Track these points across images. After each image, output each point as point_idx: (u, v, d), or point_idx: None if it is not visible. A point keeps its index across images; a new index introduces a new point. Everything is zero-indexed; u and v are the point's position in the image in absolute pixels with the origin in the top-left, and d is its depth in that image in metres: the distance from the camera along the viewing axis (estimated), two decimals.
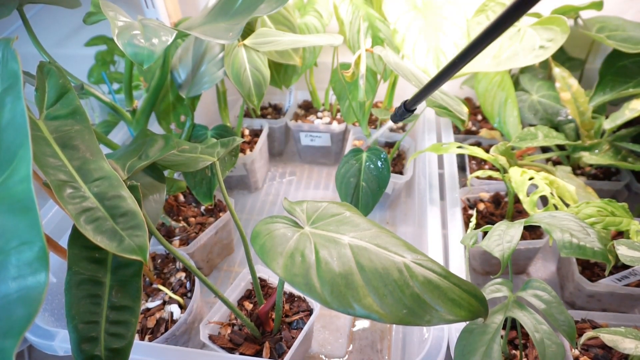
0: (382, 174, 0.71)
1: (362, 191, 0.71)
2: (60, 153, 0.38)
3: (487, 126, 1.02)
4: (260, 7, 0.57)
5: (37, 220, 0.26)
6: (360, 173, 0.72)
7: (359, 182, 0.71)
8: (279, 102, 1.17)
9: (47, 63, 0.44)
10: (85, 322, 0.37)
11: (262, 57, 0.73)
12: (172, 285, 0.68)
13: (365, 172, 0.72)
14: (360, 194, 0.72)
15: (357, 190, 0.72)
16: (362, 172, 0.72)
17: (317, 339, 0.71)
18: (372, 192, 0.71)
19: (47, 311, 0.61)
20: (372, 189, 0.71)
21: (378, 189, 0.71)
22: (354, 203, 0.72)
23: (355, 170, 0.72)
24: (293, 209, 0.45)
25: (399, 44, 0.79)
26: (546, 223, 0.48)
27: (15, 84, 0.31)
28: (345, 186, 0.73)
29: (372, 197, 0.71)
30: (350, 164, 0.73)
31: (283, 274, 0.34)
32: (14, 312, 0.24)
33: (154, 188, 0.52)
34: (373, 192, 0.71)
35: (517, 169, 0.64)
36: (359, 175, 0.72)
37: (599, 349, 0.56)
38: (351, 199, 0.73)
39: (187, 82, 0.75)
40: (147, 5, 0.87)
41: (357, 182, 0.71)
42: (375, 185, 0.71)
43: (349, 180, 0.72)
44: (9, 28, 0.99)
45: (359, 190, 0.72)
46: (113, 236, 0.35)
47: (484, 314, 0.36)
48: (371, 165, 0.72)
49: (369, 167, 0.72)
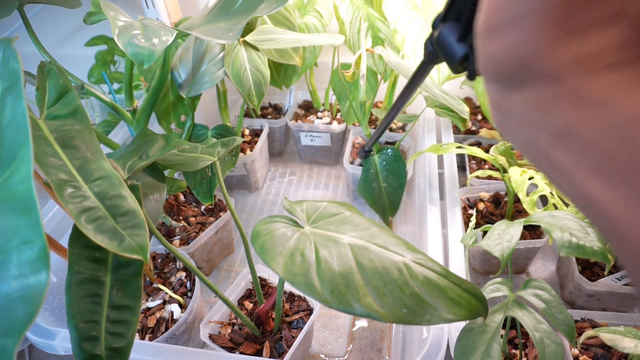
0: (397, 169, 0.72)
1: (384, 192, 0.73)
2: (61, 153, 0.38)
3: (487, 126, 1.02)
4: (260, 7, 0.57)
5: (38, 219, 0.26)
6: (378, 175, 0.73)
7: (379, 184, 0.72)
8: (279, 102, 1.17)
9: (48, 63, 0.44)
10: (85, 322, 0.37)
11: (262, 57, 0.73)
12: (172, 284, 0.68)
13: (382, 173, 0.73)
14: (384, 195, 0.73)
15: (380, 192, 0.73)
16: (379, 174, 0.73)
17: (317, 339, 0.71)
18: (394, 190, 0.73)
19: (48, 310, 0.61)
20: (393, 187, 0.73)
21: (399, 186, 0.73)
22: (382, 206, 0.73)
23: (373, 174, 0.73)
24: (293, 209, 0.45)
25: (399, 43, 0.79)
26: (546, 222, 0.48)
27: (16, 83, 0.31)
28: (370, 193, 0.74)
29: (396, 194, 0.73)
30: (366, 170, 0.74)
31: (283, 274, 0.34)
32: (14, 311, 0.24)
33: (155, 188, 0.53)
34: (395, 190, 0.73)
35: (517, 169, 0.64)
36: (377, 178, 0.73)
37: (598, 348, 0.56)
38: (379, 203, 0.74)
39: (188, 81, 0.75)
40: (147, 5, 0.87)
41: (378, 185, 0.73)
42: (395, 182, 0.72)
43: (371, 187, 0.73)
44: (9, 28, 0.99)
45: (382, 192, 0.73)
46: (114, 235, 0.35)
47: (483, 314, 0.36)
48: (385, 164, 0.72)
49: (384, 167, 0.73)
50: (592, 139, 0.15)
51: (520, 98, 0.17)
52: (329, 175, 1.07)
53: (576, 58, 0.15)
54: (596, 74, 0.15)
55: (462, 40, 0.27)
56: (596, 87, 0.15)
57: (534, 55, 0.16)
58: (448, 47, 0.28)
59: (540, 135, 0.17)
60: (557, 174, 0.17)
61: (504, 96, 0.18)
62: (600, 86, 0.15)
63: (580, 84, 0.15)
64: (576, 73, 0.15)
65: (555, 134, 0.16)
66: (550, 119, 0.16)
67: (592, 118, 0.15)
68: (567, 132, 0.16)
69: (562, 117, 0.16)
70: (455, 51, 0.27)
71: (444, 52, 0.28)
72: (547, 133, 0.17)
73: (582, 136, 0.15)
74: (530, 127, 0.18)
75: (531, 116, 0.17)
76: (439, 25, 0.29)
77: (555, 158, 0.17)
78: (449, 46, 0.28)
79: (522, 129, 0.18)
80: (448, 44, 0.28)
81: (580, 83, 0.15)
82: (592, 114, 0.15)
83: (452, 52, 0.27)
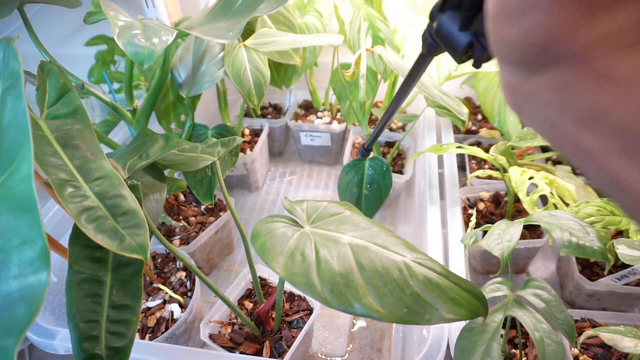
0: (384, 183, 0.72)
1: (364, 199, 0.72)
2: (61, 152, 0.38)
3: (487, 126, 1.02)
4: (260, 7, 0.57)
5: (39, 219, 0.26)
6: (362, 183, 0.73)
7: (361, 191, 0.72)
8: (279, 102, 1.17)
9: (48, 62, 0.44)
10: (86, 321, 0.37)
11: (262, 57, 0.73)
12: (172, 284, 0.68)
13: (367, 182, 0.72)
14: (362, 202, 0.73)
15: (359, 199, 0.73)
16: (364, 182, 0.73)
17: (317, 338, 0.71)
18: (374, 200, 0.72)
19: (48, 310, 0.61)
20: (375, 197, 0.72)
21: (380, 197, 0.72)
22: None
23: (358, 180, 0.73)
24: (293, 209, 0.45)
25: (399, 43, 0.79)
26: (546, 222, 0.48)
27: (17, 83, 0.31)
28: (349, 196, 0.73)
29: (375, 204, 0.72)
30: (351, 174, 0.74)
31: (283, 273, 0.34)
32: (15, 311, 0.24)
33: (155, 187, 0.53)
34: (376, 200, 0.72)
35: (517, 169, 0.64)
36: (360, 186, 0.72)
37: (598, 347, 0.56)
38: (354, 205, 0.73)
39: (188, 81, 0.75)
40: (147, 5, 0.87)
41: (359, 191, 0.72)
42: (377, 193, 0.72)
43: (351, 190, 0.73)
44: (9, 28, 0.99)
45: (362, 199, 0.72)
46: (114, 235, 0.35)
47: (483, 313, 0.36)
48: (373, 175, 0.72)
49: (371, 177, 0.72)
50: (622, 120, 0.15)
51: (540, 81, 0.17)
52: (329, 175, 1.07)
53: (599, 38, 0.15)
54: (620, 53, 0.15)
55: (464, 29, 0.26)
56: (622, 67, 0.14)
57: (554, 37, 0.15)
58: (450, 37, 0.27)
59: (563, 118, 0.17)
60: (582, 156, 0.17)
61: (522, 79, 0.18)
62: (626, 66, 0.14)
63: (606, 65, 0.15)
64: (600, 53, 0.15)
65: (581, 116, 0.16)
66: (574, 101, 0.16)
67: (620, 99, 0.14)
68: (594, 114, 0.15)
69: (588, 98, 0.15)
70: (458, 40, 0.26)
71: (445, 43, 0.28)
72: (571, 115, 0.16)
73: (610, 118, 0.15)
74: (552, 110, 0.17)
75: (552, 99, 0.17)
76: (437, 16, 0.28)
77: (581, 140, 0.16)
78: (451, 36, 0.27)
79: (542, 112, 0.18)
80: (449, 34, 0.27)
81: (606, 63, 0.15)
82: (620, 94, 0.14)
83: (455, 41, 0.27)
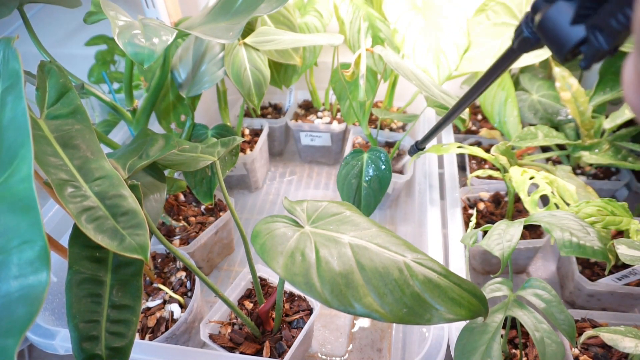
0: (383, 175, 0.71)
1: (363, 192, 0.72)
2: (61, 152, 0.38)
3: (487, 126, 1.02)
4: (260, 7, 0.57)
5: (39, 219, 0.26)
6: (362, 174, 0.72)
7: (360, 183, 0.71)
8: (279, 102, 1.17)
9: (48, 62, 0.44)
10: (86, 321, 0.37)
11: (262, 57, 0.73)
12: (172, 284, 0.68)
13: (366, 173, 0.72)
14: (361, 195, 0.72)
15: (358, 191, 0.72)
16: (363, 174, 0.72)
17: (317, 338, 0.71)
18: (374, 193, 0.71)
19: (48, 310, 0.61)
20: (373, 189, 0.71)
21: (380, 190, 0.71)
22: (356, 204, 0.72)
23: (357, 171, 0.72)
24: (293, 209, 0.45)
25: (399, 43, 0.79)
26: (546, 222, 0.48)
27: (17, 83, 0.31)
28: (347, 188, 0.73)
29: (374, 197, 0.71)
30: (351, 165, 0.73)
31: (283, 273, 0.34)
32: (15, 311, 0.24)
33: (155, 187, 0.53)
34: (375, 193, 0.71)
35: (518, 169, 0.64)
36: (360, 177, 0.72)
37: (598, 348, 0.56)
38: (353, 200, 0.73)
39: (188, 81, 0.75)
40: (147, 5, 0.87)
41: (358, 183, 0.71)
42: (377, 185, 0.71)
43: (350, 182, 0.72)
44: (9, 27, 0.99)
45: (361, 191, 0.72)
46: (114, 235, 0.35)
47: (484, 313, 0.36)
48: (372, 166, 0.72)
49: (371, 168, 0.72)
50: None
51: None
52: (329, 175, 1.07)
53: None
54: None
55: (580, 21, 0.23)
56: None
57: None
58: (557, 31, 0.24)
59: None
60: None
61: None
62: None
63: None
64: None
65: None
66: None
67: None
68: None
69: None
70: (568, 35, 0.23)
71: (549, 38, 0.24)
72: None
73: None
74: None
75: None
76: (542, 6, 0.25)
77: None
78: (559, 30, 0.24)
79: None
80: (557, 28, 0.24)
81: None
82: None
83: (564, 36, 0.24)
